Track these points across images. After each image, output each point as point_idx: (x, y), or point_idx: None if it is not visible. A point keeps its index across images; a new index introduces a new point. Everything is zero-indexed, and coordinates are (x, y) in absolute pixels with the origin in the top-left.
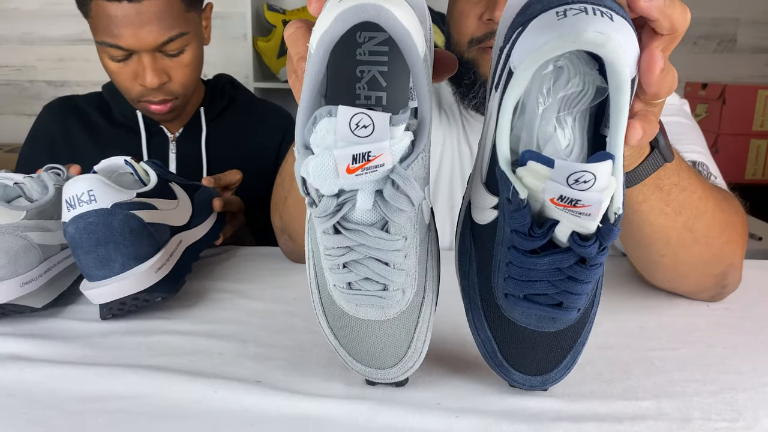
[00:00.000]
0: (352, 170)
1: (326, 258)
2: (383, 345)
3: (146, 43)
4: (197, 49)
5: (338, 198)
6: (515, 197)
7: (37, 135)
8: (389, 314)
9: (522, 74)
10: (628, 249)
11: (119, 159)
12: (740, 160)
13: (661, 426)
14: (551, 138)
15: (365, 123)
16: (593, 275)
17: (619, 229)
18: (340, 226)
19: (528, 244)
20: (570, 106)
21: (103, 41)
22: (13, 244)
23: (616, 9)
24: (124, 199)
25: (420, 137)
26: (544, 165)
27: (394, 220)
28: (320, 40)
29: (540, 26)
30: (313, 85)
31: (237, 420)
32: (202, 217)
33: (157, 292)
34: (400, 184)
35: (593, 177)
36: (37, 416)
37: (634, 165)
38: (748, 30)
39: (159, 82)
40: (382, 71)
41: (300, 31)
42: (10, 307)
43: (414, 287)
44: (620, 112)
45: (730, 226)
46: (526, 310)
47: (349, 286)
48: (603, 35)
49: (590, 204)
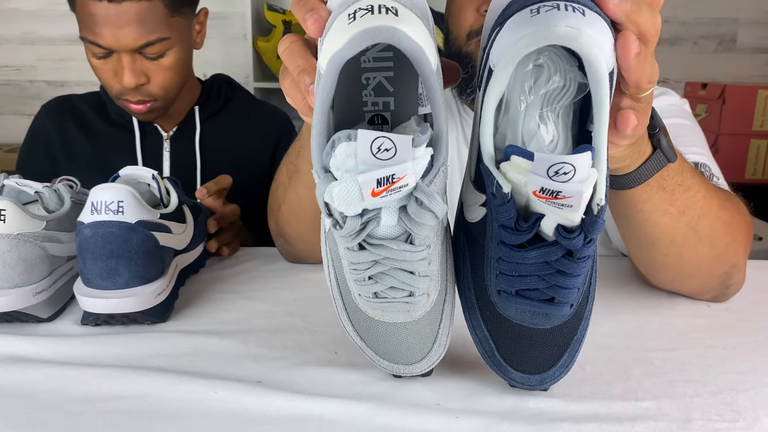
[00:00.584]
0: (377, 193)
1: (351, 272)
2: (410, 343)
3: (125, 44)
4: (181, 53)
5: (362, 218)
6: (499, 191)
7: (34, 134)
8: (415, 316)
9: (501, 72)
10: (632, 249)
11: (146, 170)
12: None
13: (661, 426)
14: (535, 134)
15: (387, 146)
16: (581, 268)
17: (604, 221)
18: (365, 242)
19: (515, 238)
20: (552, 102)
21: (84, 37)
22: (31, 253)
23: (589, 5)
24: (149, 218)
25: (438, 150)
26: (526, 158)
27: (418, 233)
28: (331, 60)
29: (515, 24)
30: (325, 105)
31: (237, 420)
32: (197, 240)
33: (150, 316)
34: (424, 200)
35: (573, 168)
36: (37, 416)
37: (636, 165)
38: (748, 30)
39: (136, 82)
40: (388, 77)
41: (296, 45)
42: (19, 315)
43: (437, 289)
44: (601, 105)
45: (734, 226)
46: (520, 307)
47: (375, 296)
48: (574, 29)
49: (571, 195)
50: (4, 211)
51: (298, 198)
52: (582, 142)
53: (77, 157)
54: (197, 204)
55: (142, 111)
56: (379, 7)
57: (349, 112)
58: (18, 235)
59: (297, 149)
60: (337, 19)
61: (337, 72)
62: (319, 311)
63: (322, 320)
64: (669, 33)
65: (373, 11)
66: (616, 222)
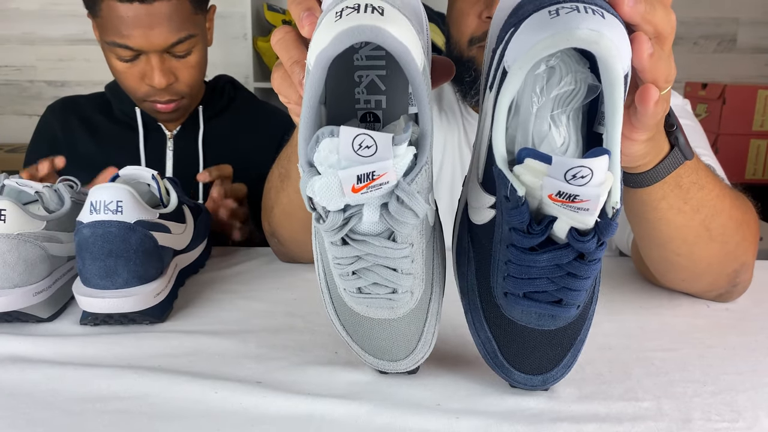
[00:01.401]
0: (357, 189)
1: (335, 266)
2: (394, 340)
3: (156, 44)
4: (203, 50)
5: (345, 213)
6: (513, 195)
7: (39, 135)
8: (399, 313)
9: (516, 73)
10: (644, 249)
11: (146, 170)
12: (740, 160)
13: (661, 427)
14: (546, 136)
15: (368, 143)
16: (592, 270)
17: (617, 224)
18: (348, 237)
19: (527, 241)
20: (563, 104)
21: (112, 41)
22: (31, 253)
23: (607, 8)
24: (148, 218)
25: (422, 150)
26: (542, 162)
27: (400, 231)
28: (318, 57)
29: (533, 25)
30: (313, 101)
31: (237, 420)
32: (198, 241)
33: (149, 315)
34: (405, 199)
35: (590, 172)
36: (37, 416)
37: (654, 162)
38: (748, 30)
39: (167, 82)
40: (381, 75)
41: (289, 36)
42: (19, 315)
43: (422, 287)
44: (615, 109)
45: (745, 225)
46: (526, 309)
47: (359, 291)
48: (596, 32)
49: (588, 199)
50: (4, 211)
51: (290, 200)
52: (590, 143)
53: (82, 157)
54: (197, 204)
55: (169, 110)
56: (366, 6)
57: (342, 109)
58: (18, 235)
59: (288, 154)
60: (326, 17)
61: (324, 69)
62: (319, 311)
63: (321, 320)
64: None
65: (359, 10)
66: (630, 221)
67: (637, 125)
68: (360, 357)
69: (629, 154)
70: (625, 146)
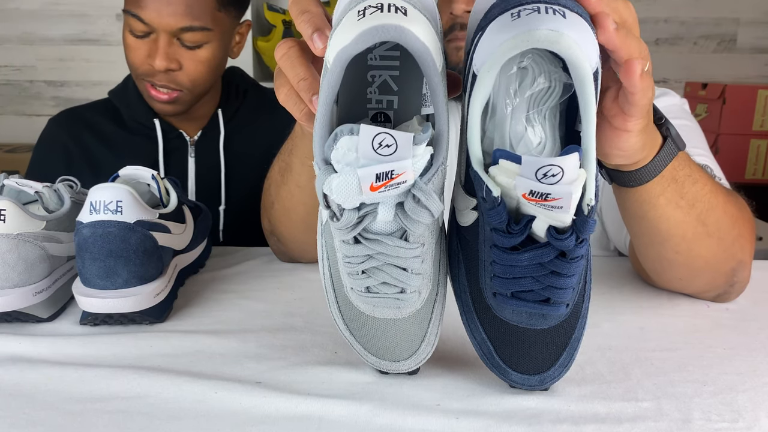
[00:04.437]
0: (376, 188)
1: (345, 265)
2: (398, 340)
3: (166, 23)
4: (217, 50)
5: (359, 211)
6: (489, 195)
7: (48, 146)
8: (405, 313)
9: (485, 76)
10: (641, 249)
11: (145, 171)
12: (740, 160)
13: (661, 427)
14: (523, 137)
15: (388, 142)
16: (575, 268)
17: (595, 220)
18: (360, 236)
19: (507, 241)
20: (538, 104)
21: (128, 10)
22: (31, 253)
23: (571, 6)
24: (147, 218)
25: (439, 150)
26: (513, 162)
27: (414, 230)
28: (338, 55)
29: (496, 28)
30: (329, 99)
31: (237, 420)
32: (198, 241)
33: (148, 316)
34: (421, 198)
35: (561, 170)
36: (37, 416)
37: (651, 155)
38: (748, 30)
39: (167, 66)
40: (394, 75)
41: (293, 52)
42: (19, 315)
43: (429, 287)
44: (588, 105)
45: (740, 221)
46: (516, 308)
47: (367, 290)
48: (555, 32)
49: (560, 197)
50: (4, 211)
51: (290, 195)
52: (572, 142)
53: (99, 167)
54: (197, 204)
55: (164, 100)
56: (389, 5)
57: (353, 108)
58: (18, 235)
59: (290, 147)
60: (347, 15)
61: (343, 67)
62: (319, 311)
63: (321, 320)
64: (669, 33)
65: (382, 9)
66: (628, 224)
67: (629, 111)
68: (362, 357)
69: (627, 149)
70: (622, 140)
